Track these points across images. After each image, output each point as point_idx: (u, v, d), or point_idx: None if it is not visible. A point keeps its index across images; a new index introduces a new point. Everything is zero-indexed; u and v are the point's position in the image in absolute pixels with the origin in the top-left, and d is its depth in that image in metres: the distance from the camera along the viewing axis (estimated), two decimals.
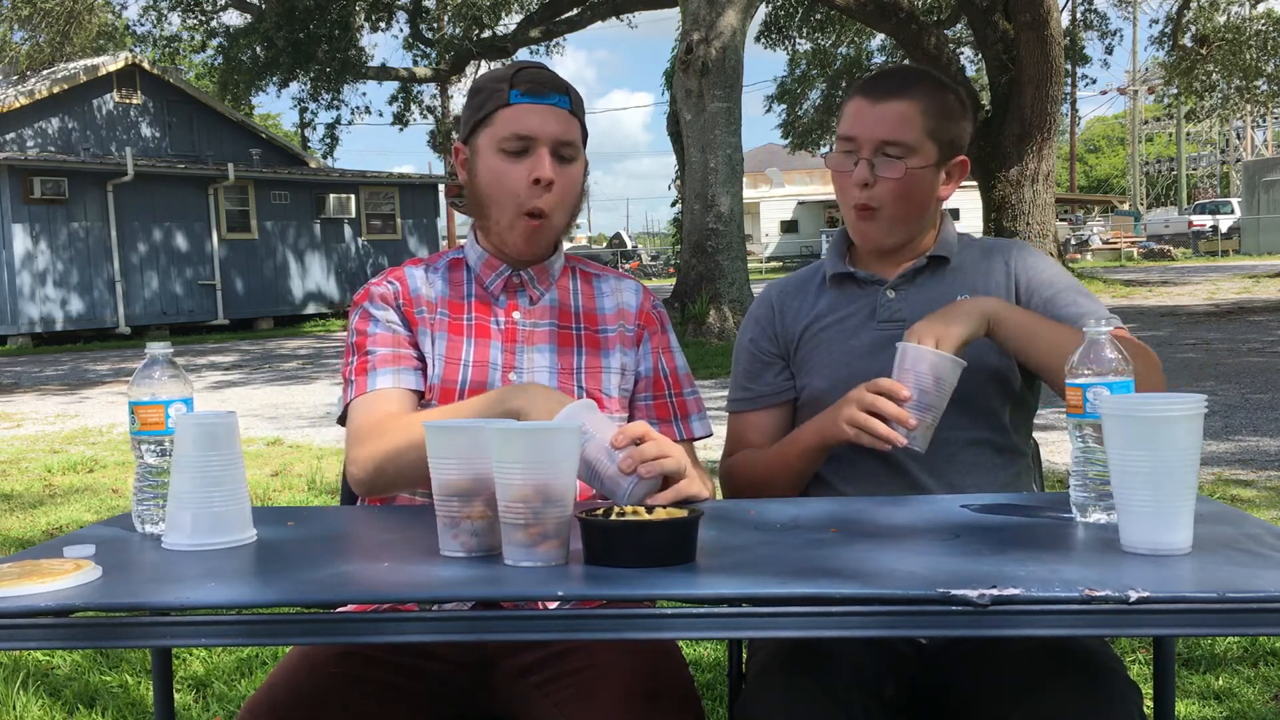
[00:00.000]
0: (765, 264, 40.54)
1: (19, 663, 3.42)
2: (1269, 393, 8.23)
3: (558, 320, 1.93)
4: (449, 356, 1.88)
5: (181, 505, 1.46)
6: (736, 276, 14.02)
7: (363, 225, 24.96)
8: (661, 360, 1.97)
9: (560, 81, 1.88)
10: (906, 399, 1.73)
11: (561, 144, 1.85)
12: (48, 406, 10.78)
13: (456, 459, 1.39)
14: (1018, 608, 1.16)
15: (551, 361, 1.90)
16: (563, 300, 1.95)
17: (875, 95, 1.92)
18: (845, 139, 1.93)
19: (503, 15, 25.99)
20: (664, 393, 1.96)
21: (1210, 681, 3.07)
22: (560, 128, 1.85)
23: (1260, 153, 55.33)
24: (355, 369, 1.86)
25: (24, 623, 1.23)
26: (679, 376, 1.99)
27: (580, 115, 1.90)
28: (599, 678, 1.58)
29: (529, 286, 1.93)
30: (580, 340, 1.93)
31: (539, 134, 1.84)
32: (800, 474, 1.92)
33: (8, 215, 19.36)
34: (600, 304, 1.97)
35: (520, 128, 1.84)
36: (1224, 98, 30.37)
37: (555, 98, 1.86)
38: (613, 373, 1.92)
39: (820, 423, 1.85)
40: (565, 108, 1.87)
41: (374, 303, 1.91)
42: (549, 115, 1.85)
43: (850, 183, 1.92)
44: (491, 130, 1.86)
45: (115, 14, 29.64)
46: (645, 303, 1.99)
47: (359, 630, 1.27)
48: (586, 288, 1.98)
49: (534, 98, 1.84)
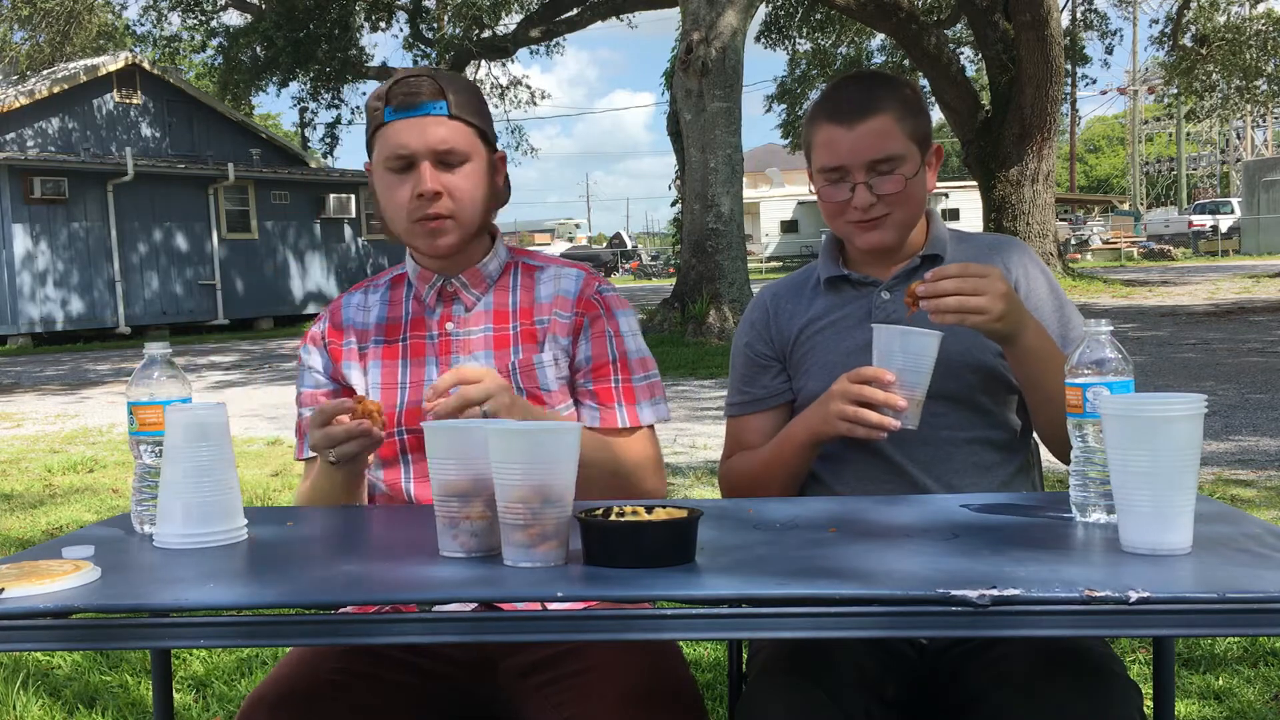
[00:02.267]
0: (765, 264, 40.51)
1: (19, 663, 3.42)
2: (1269, 393, 8.23)
3: (493, 324, 1.91)
4: (385, 383, 1.91)
5: (173, 495, 1.47)
6: (736, 276, 14.02)
7: (363, 225, 24.96)
8: (610, 345, 1.90)
9: (434, 86, 1.82)
10: (891, 382, 1.74)
11: (441, 153, 1.82)
12: (48, 406, 10.78)
13: (456, 459, 1.39)
14: (1018, 608, 1.16)
15: (488, 366, 1.87)
16: (499, 302, 1.92)
17: (847, 119, 1.88)
18: (832, 170, 1.90)
19: (503, 15, 25.98)
20: (608, 378, 1.89)
21: (1210, 681, 3.07)
22: (438, 136, 1.81)
23: (1260, 153, 55.32)
24: (296, 425, 1.99)
25: (23, 624, 1.22)
26: (629, 361, 1.91)
27: (467, 113, 1.84)
28: (598, 680, 1.58)
29: (462, 293, 1.92)
30: (516, 338, 1.90)
31: (415, 149, 1.81)
32: (795, 471, 1.92)
33: (8, 215, 19.36)
34: (537, 293, 1.92)
35: (396, 146, 1.82)
36: (1224, 98, 30.40)
37: (427, 106, 1.82)
38: (546, 366, 1.88)
39: (810, 419, 1.86)
40: (442, 113, 1.82)
41: (306, 347, 2.00)
42: (423, 127, 1.81)
43: (850, 208, 1.90)
44: (377, 151, 1.86)
45: (115, 14, 29.69)
46: (586, 289, 1.92)
47: (359, 631, 1.27)
48: (527, 280, 1.94)
49: (406, 111, 1.82)
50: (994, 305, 1.71)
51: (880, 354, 1.77)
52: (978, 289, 1.71)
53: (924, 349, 1.74)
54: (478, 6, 25.24)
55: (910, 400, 1.74)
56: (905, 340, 1.75)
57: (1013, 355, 1.81)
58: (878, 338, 1.77)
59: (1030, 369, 1.81)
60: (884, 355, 1.76)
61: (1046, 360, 1.78)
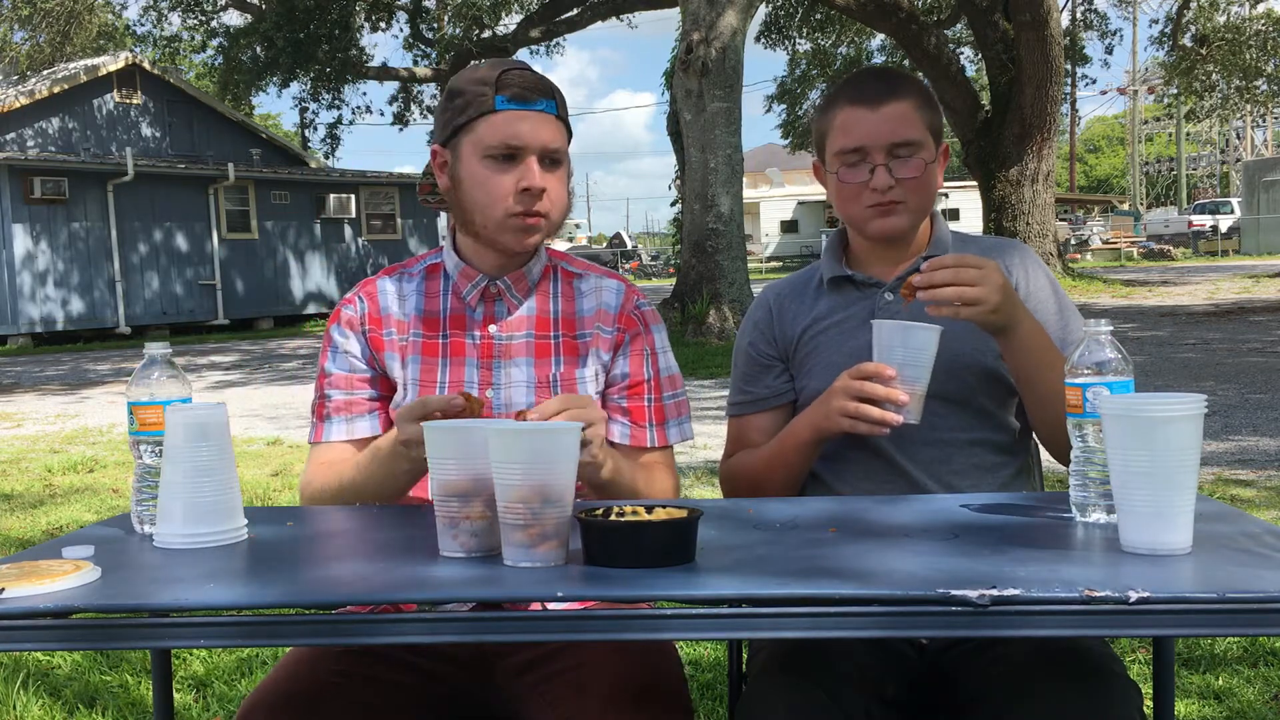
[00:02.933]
0: (765, 264, 40.52)
1: (19, 663, 3.42)
2: (1269, 393, 8.22)
3: (535, 330, 1.88)
4: (424, 380, 1.86)
5: (173, 496, 1.47)
6: (736, 276, 14.02)
7: (363, 225, 24.97)
8: (646, 364, 1.91)
9: (546, 84, 1.81)
10: (892, 377, 1.74)
11: (550, 151, 1.80)
12: (48, 406, 10.78)
13: (456, 459, 1.39)
14: (1018, 608, 1.16)
15: (529, 375, 1.86)
16: (541, 308, 1.90)
17: (871, 101, 1.90)
18: (852, 151, 1.90)
19: (503, 15, 25.99)
20: (642, 396, 1.90)
21: (1210, 681, 3.07)
22: (549, 135, 1.79)
23: (1260, 153, 55.33)
24: (315, 409, 1.91)
25: (23, 624, 1.23)
26: (660, 380, 1.92)
27: (565, 117, 1.84)
28: (588, 675, 1.59)
29: (506, 296, 1.88)
30: (558, 349, 1.88)
31: (528, 143, 1.78)
32: (797, 469, 1.92)
33: (8, 215, 19.36)
34: (579, 306, 1.91)
35: (508, 136, 1.77)
36: (1224, 98, 30.41)
37: (542, 103, 1.79)
38: (587, 382, 1.87)
39: (812, 416, 1.86)
40: (552, 113, 1.80)
41: (340, 329, 1.91)
42: (537, 123, 1.78)
43: (868, 190, 1.90)
44: (475, 137, 1.79)
45: (115, 14, 29.70)
46: (627, 304, 1.92)
47: (359, 631, 1.27)
48: (567, 289, 1.92)
49: (521, 104, 1.77)
50: (989, 296, 1.72)
51: (881, 349, 1.77)
52: (973, 280, 1.71)
53: (924, 343, 1.75)
54: (478, 6, 25.25)
55: (912, 395, 1.75)
56: (905, 335, 1.75)
57: (1007, 349, 1.81)
58: (877, 333, 1.78)
59: (1024, 364, 1.81)
60: (884, 350, 1.76)
61: (1041, 355, 1.79)
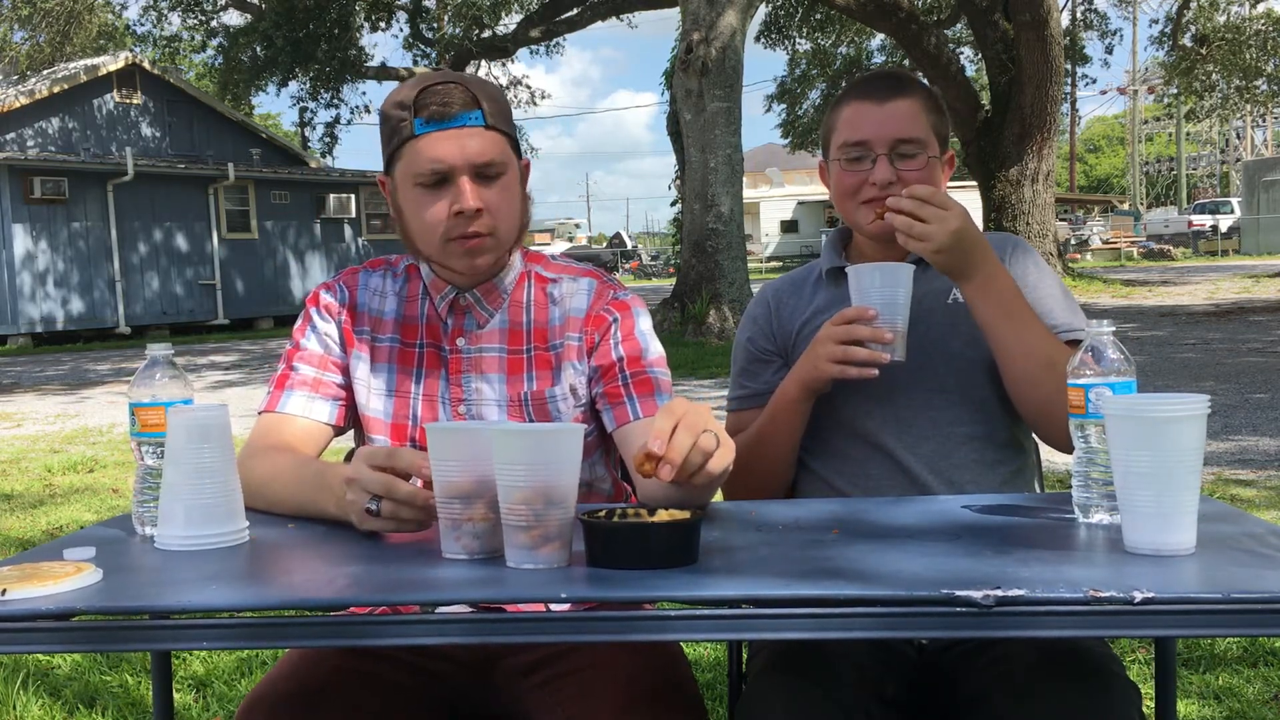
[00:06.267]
0: (765, 264, 40.53)
1: (19, 663, 3.42)
2: (1269, 392, 8.22)
3: (507, 345, 1.81)
4: (399, 390, 1.81)
5: (174, 498, 1.47)
6: (736, 276, 14.02)
7: (363, 225, 24.97)
8: (615, 348, 1.79)
9: (466, 94, 1.69)
10: (874, 317, 1.77)
11: (480, 166, 1.70)
12: (48, 406, 10.78)
13: (458, 461, 1.38)
14: (1022, 609, 1.16)
15: (500, 392, 1.79)
16: (514, 319, 1.82)
17: (877, 97, 1.92)
18: (855, 144, 1.91)
19: (503, 15, 26.01)
20: (615, 377, 1.78)
21: (1210, 681, 3.07)
22: (476, 149, 1.69)
23: (1260, 153, 55.32)
24: (277, 379, 1.83)
25: (25, 626, 1.22)
26: (633, 357, 1.78)
27: (500, 122, 1.73)
28: (600, 677, 1.58)
29: (475, 309, 1.81)
30: (530, 364, 1.81)
31: (454, 164, 1.68)
32: (790, 432, 1.91)
33: (8, 215, 19.36)
34: (551, 314, 1.82)
35: (432, 161, 1.68)
36: (1224, 98, 30.42)
37: (465, 117, 1.68)
38: (559, 400, 1.79)
39: (800, 370, 1.87)
40: (479, 124, 1.69)
41: (319, 310, 1.86)
42: (462, 139, 1.68)
43: (868, 184, 1.90)
44: (404, 164, 1.72)
45: (115, 14, 29.69)
46: (597, 303, 1.81)
47: (360, 633, 1.27)
48: (540, 296, 1.83)
49: (440, 124, 1.68)
50: (936, 235, 1.74)
51: (858, 293, 1.81)
52: (928, 217, 1.74)
53: (897, 279, 1.79)
54: (478, 6, 25.27)
55: (896, 333, 1.78)
56: (880, 274, 1.80)
57: (967, 298, 1.82)
58: (854, 278, 1.82)
59: (982, 314, 1.81)
60: (861, 293, 1.80)
61: (999, 307, 1.79)
